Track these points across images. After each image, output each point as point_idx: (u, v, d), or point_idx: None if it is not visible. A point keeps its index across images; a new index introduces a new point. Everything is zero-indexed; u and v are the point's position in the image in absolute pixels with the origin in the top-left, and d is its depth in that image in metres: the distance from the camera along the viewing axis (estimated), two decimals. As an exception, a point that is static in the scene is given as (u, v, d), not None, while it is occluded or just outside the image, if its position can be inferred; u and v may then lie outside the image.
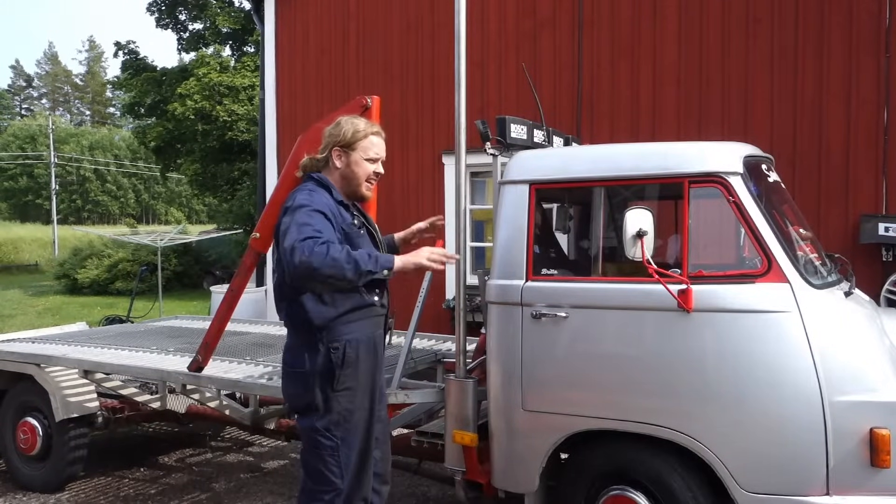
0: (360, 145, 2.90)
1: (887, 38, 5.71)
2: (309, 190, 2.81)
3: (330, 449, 2.80)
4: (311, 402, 2.78)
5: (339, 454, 2.80)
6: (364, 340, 2.87)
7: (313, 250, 2.53)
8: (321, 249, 2.53)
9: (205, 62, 18.16)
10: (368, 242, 2.91)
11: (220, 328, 4.06)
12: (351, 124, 2.92)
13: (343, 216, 2.82)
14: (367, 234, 2.93)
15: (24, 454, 4.84)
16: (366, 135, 2.91)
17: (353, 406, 2.83)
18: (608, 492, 3.12)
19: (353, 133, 2.89)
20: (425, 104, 7.69)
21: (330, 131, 2.94)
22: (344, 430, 2.81)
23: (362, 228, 2.90)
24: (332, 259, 2.53)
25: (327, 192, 2.84)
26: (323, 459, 2.80)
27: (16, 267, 30.01)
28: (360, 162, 2.90)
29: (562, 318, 3.16)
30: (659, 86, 6.55)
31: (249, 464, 5.42)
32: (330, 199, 2.81)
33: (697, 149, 3.13)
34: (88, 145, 53.60)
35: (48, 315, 14.98)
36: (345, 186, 2.92)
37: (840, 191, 5.85)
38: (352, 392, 2.82)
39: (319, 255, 2.52)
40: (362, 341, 2.86)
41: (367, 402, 2.88)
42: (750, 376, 2.82)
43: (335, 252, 2.55)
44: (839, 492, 2.73)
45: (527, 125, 3.63)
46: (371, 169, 2.93)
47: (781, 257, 2.89)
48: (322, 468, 2.81)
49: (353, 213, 2.91)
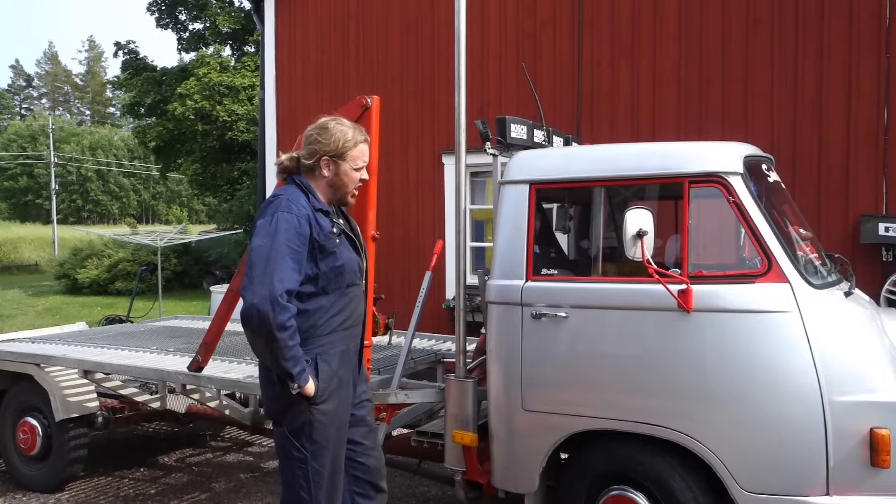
0: (350, 155, 2.82)
1: (887, 38, 5.70)
2: (288, 197, 2.73)
3: (298, 460, 2.71)
4: (283, 410, 2.71)
5: (307, 467, 2.70)
6: (338, 354, 2.78)
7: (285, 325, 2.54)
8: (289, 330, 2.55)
9: (205, 62, 18.18)
10: (348, 248, 2.83)
11: (219, 328, 4.06)
12: (340, 132, 2.81)
13: (320, 224, 2.74)
14: (346, 241, 2.84)
15: (23, 454, 4.84)
16: (355, 143, 2.83)
17: (326, 420, 2.72)
18: (608, 492, 3.12)
19: (344, 143, 2.80)
20: (425, 104, 7.69)
21: (317, 137, 2.81)
22: (314, 442, 2.71)
23: (340, 235, 2.80)
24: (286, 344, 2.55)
25: (305, 199, 2.75)
26: (293, 472, 2.73)
27: (16, 267, 30.01)
28: (350, 172, 2.83)
29: (562, 318, 3.16)
30: (659, 86, 6.55)
31: (249, 464, 5.42)
32: (307, 207, 2.73)
33: (697, 149, 3.13)
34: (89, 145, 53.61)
35: (48, 315, 14.98)
36: (330, 194, 2.85)
37: (840, 191, 5.85)
38: (325, 404, 2.72)
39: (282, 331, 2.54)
40: (336, 354, 2.77)
41: (341, 414, 2.80)
42: (750, 376, 2.82)
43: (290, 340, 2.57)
44: (839, 492, 2.73)
45: (527, 125, 3.63)
46: (358, 177, 2.87)
47: (781, 257, 2.89)
48: (292, 481, 2.74)
49: (333, 219, 2.82)
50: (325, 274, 2.72)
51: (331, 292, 2.75)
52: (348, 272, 2.80)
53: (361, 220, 3.37)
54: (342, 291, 2.79)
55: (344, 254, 2.79)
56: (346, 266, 2.78)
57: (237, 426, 5.04)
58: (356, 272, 2.86)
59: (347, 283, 2.81)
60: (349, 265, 2.81)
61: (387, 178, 7.44)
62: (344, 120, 2.89)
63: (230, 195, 20.08)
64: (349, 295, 2.83)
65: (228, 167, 19.21)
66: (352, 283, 2.84)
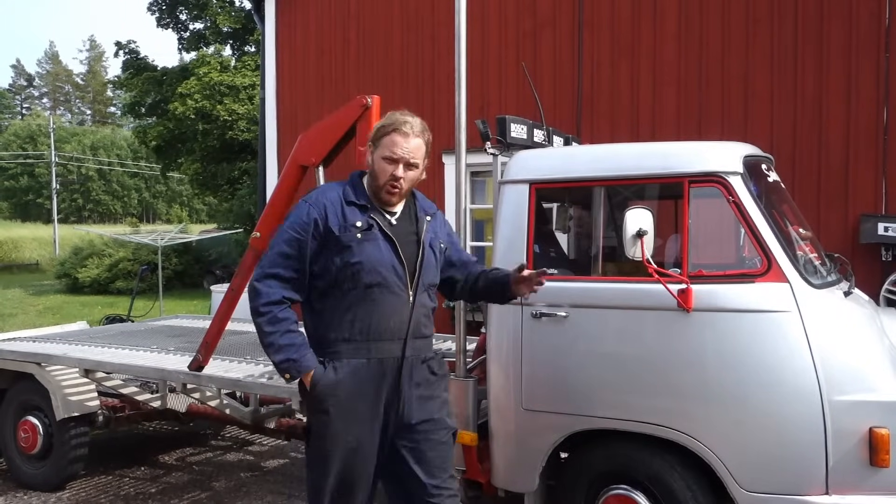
0: (382, 142, 2.56)
1: (887, 38, 5.71)
2: (321, 188, 2.67)
3: (309, 456, 2.60)
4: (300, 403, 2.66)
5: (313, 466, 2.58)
6: (351, 365, 2.50)
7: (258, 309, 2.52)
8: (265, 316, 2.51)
9: (205, 62, 18.19)
10: (378, 247, 2.52)
11: (220, 327, 4.07)
12: (385, 118, 2.60)
13: (345, 216, 2.52)
14: (379, 239, 2.53)
15: (24, 453, 4.84)
16: (387, 131, 2.56)
17: (325, 432, 2.51)
18: (608, 491, 3.12)
19: (379, 128, 2.59)
20: (425, 104, 7.69)
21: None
22: (313, 450, 2.57)
23: (368, 231, 2.51)
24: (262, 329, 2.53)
25: (342, 190, 2.58)
26: (307, 466, 2.63)
27: (16, 266, 30.03)
28: (379, 161, 2.55)
29: (562, 318, 3.16)
30: (659, 86, 6.55)
31: (250, 463, 5.42)
32: (335, 198, 2.55)
33: (697, 149, 3.13)
34: (90, 144, 53.63)
35: (49, 314, 14.99)
36: (372, 186, 2.59)
37: (840, 191, 5.85)
38: (327, 417, 2.50)
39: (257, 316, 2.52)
40: (348, 365, 2.51)
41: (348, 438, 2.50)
42: (749, 376, 2.82)
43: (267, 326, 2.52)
44: (839, 491, 2.73)
45: (527, 125, 3.63)
46: (389, 170, 2.53)
47: (781, 257, 2.89)
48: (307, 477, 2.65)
49: (371, 214, 2.55)
50: (340, 270, 2.49)
51: (344, 292, 2.50)
52: (368, 272, 2.48)
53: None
54: (360, 293, 2.49)
55: (366, 251, 2.50)
56: (364, 265, 2.48)
57: (238, 425, 5.03)
58: (382, 274, 2.50)
59: (367, 283, 2.49)
60: (370, 265, 2.49)
61: (387, 178, 7.43)
62: (408, 112, 2.65)
63: (230, 195, 20.08)
64: (371, 299, 2.50)
65: (229, 167, 19.22)
66: (374, 285, 2.50)
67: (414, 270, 2.57)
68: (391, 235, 2.55)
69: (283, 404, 4.38)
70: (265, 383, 3.87)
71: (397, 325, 2.53)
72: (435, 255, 2.67)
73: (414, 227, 2.63)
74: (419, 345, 2.59)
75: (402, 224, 2.61)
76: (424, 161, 2.63)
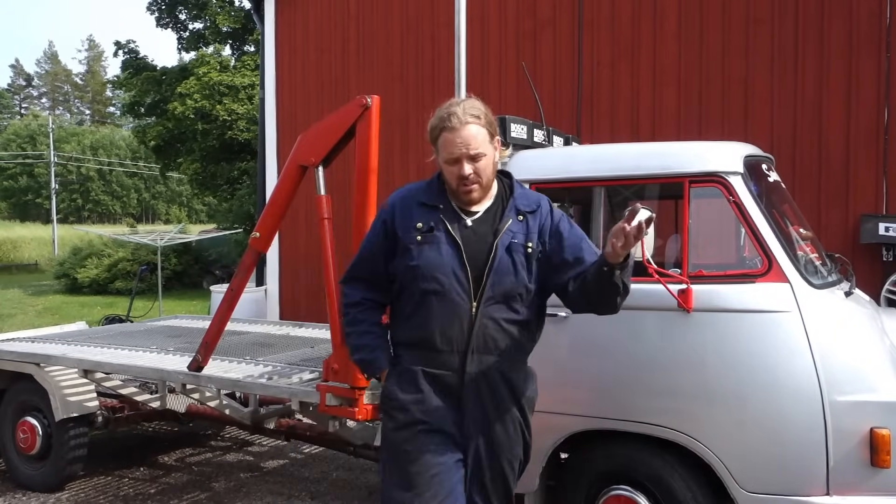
0: (438, 146, 2.39)
1: (887, 38, 5.71)
2: (413, 184, 2.58)
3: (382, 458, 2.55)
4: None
5: (382, 466, 2.52)
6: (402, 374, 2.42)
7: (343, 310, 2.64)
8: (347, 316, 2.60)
9: (205, 61, 18.16)
10: (439, 251, 2.34)
11: (219, 328, 4.06)
12: (435, 113, 2.42)
13: (413, 217, 2.39)
14: (441, 242, 2.35)
15: (23, 453, 4.84)
16: (437, 133, 2.37)
17: (388, 433, 2.45)
18: (608, 492, 3.12)
19: (431, 130, 2.40)
20: (425, 104, 7.67)
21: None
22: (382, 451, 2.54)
23: (431, 233, 2.35)
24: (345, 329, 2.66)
25: (419, 189, 2.48)
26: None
27: (15, 266, 30.01)
28: (443, 166, 2.38)
29: (562, 318, 3.16)
30: (659, 86, 6.55)
31: (249, 463, 5.42)
32: (411, 196, 2.45)
33: (697, 149, 3.13)
34: (90, 144, 53.62)
35: (48, 314, 14.98)
36: (450, 188, 2.42)
37: (840, 191, 5.85)
38: (386, 418, 2.46)
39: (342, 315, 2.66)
40: (400, 373, 2.43)
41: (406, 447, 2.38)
42: (750, 376, 2.82)
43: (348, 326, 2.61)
44: (839, 491, 2.73)
45: (527, 125, 3.63)
46: (456, 172, 2.33)
47: (782, 257, 2.89)
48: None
49: (442, 215, 2.38)
50: (403, 273, 2.38)
51: (408, 296, 2.39)
52: (424, 277, 2.32)
53: (360, 222, 3.34)
54: (419, 299, 2.35)
55: (425, 254, 2.33)
56: (421, 269, 2.32)
57: (237, 426, 5.03)
58: (440, 280, 2.32)
59: (423, 289, 2.33)
60: (428, 270, 2.32)
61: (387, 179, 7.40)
62: (454, 100, 2.46)
63: (230, 195, 20.05)
64: (426, 305, 2.34)
65: (228, 166, 19.19)
66: (431, 292, 2.33)
67: (480, 277, 2.33)
68: (457, 238, 2.34)
69: (283, 405, 4.37)
70: (265, 384, 3.86)
71: (456, 336, 2.33)
72: (514, 260, 2.36)
73: (494, 229, 2.38)
74: (489, 361, 2.36)
75: (481, 225, 2.39)
76: (493, 142, 2.42)
